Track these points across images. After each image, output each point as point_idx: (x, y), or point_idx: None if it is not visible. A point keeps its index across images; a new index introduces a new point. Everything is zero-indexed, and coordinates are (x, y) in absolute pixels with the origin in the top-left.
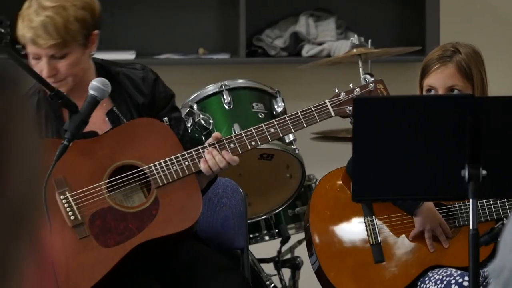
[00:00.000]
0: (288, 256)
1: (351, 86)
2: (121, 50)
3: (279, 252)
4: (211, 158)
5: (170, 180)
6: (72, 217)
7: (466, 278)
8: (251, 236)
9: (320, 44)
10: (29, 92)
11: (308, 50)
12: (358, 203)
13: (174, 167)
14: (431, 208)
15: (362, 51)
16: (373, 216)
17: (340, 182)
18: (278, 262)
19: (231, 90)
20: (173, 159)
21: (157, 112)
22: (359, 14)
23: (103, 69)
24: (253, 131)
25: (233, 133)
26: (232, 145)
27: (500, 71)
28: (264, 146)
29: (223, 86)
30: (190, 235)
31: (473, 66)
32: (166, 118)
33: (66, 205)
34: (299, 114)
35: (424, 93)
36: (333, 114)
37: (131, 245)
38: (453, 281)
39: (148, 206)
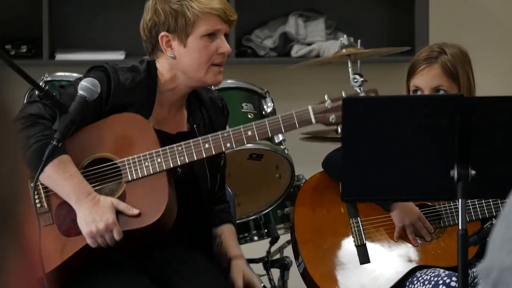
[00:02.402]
0: (277, 256)
1: (343, 93)
2: (111, 50)
3: (268, 252)
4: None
5: (140, 176)
6: (38, 205)
7: (454, 278)
8: (240, 236)
9: (309, 44)
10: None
11: (297, 50)
12: (343, 204)
13: (146, 163)
14: (407, 203)
15: (352, 51)
16: (358, 217)
17: (325, 183)
18: (267, 262)
19: (220, 90)
20: (147, 155)
21: None
22: (349, 15)
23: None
24: (230, 132)
25: None
26: (207, 145)
27: (489, 71)
28: (253, 146)
29: (212, 86)
30: (164, 233)
31: (458, 66)
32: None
33: (34, 192)
34: (279, 118)
35: (411, 93)
36: (313, 121)
37: None
38: (440, 282)
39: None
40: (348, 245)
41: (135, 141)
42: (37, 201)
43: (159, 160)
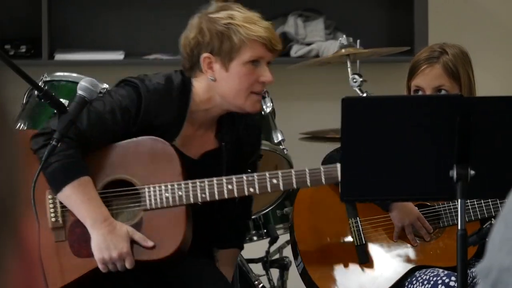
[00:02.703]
0: (277, 256)
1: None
2: (110, 50)
3: (267, 252)
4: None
5: (159, 206)
6: (53, 219)
7: (453, 278)
8: None
9: (308, 44)
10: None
11: (296, 50)
12: (342, 204)
13: (167, 194)
14: (406, 203)
15: (351, 51)
16: (357, 217)
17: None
18: (267, 262)
19: None
20: (168, 185)
21: (242, 161)
22: (348, 14)
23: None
24: (255, 177)
25: None
26: (229, 186)
27: (489, 71)
28: None
29: None
30: (177, 262)
31: (460, 66)
32: (249, 170)
33: (51, 205)
34: (306, 172)
35: (412, 93)
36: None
37: None
38: (440, 281)
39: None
40: (348, 245)
41: (159, 169)
42: (52, 215)
43: (180, 193)
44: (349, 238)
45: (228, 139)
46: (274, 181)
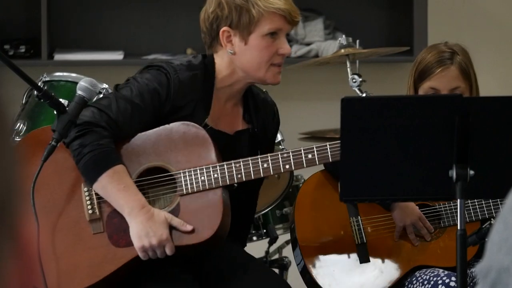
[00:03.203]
0: (276, 256)
1: None
2: (109, 50)
3: (267, 252)
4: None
5: (195, 190)
6: (90, 211)
7: (453, 278)
8: None
9: (308, 44)
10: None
11: (296, 50)
12: (343, 203)
13: (202, 177)
14: (408, 203)
15: (350, 51)
16: (359, 216)
17: (325, 182)
18: (266, 262)
19: None
20: (203, 169)
21: (261, 144)
22: (347, 15)
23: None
24: (291, 154)
25: None
26: (265, 165)
27: (488, 71)
28: None
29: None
30: (218, 246)
31: (470, 66)
32: None
33: (87, 198)
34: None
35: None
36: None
37: None
38: (440, 282)
39: (167, 212)
40: (348, 244)
41: (194, 154)
42: (89, 207)
43: (215, 175)
44: (350, 237)
45: (255, 122)
46: (310, 156)
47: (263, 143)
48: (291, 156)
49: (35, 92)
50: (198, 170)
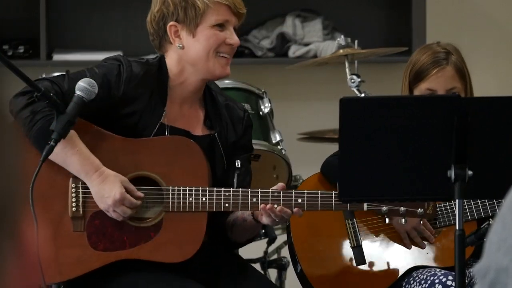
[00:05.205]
0: (275, 256)
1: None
2: (108, 50)
3: (265, 252)
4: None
5: (181, 210)
6: (74, 208)
7: (450, 277)
8: None
9: (306, 44)
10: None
11: (294, 50)
12: None
13: (190, 199)
14: None
15: (349, 51)
16: (354, 219)
17: (322, 184)
18: (265, 262)
19: None
20: (193, 190)
21: (233, 155)
22: (346, 15)
23: (210, 92)
24: (281, 194)
25: None
26: (254, 199)
27: (486, 72)
28: None
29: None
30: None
31: (464, 65)
32: (239, 161)
33: (73, 194)
34: (333, 195)
35: None
36: (365, 208)
37: (116, 257)
38: (437, 281)
39: (149, 226)
40: (344, 247)
41: (185, 171)
42: (73, 204)
43: (203, 199)
44: (346, 240)
45: (220, 129)
46: (299, 200)
47: (225, 149)
48: (281, 197)
49: (34, 94)
50: (187, 190)
